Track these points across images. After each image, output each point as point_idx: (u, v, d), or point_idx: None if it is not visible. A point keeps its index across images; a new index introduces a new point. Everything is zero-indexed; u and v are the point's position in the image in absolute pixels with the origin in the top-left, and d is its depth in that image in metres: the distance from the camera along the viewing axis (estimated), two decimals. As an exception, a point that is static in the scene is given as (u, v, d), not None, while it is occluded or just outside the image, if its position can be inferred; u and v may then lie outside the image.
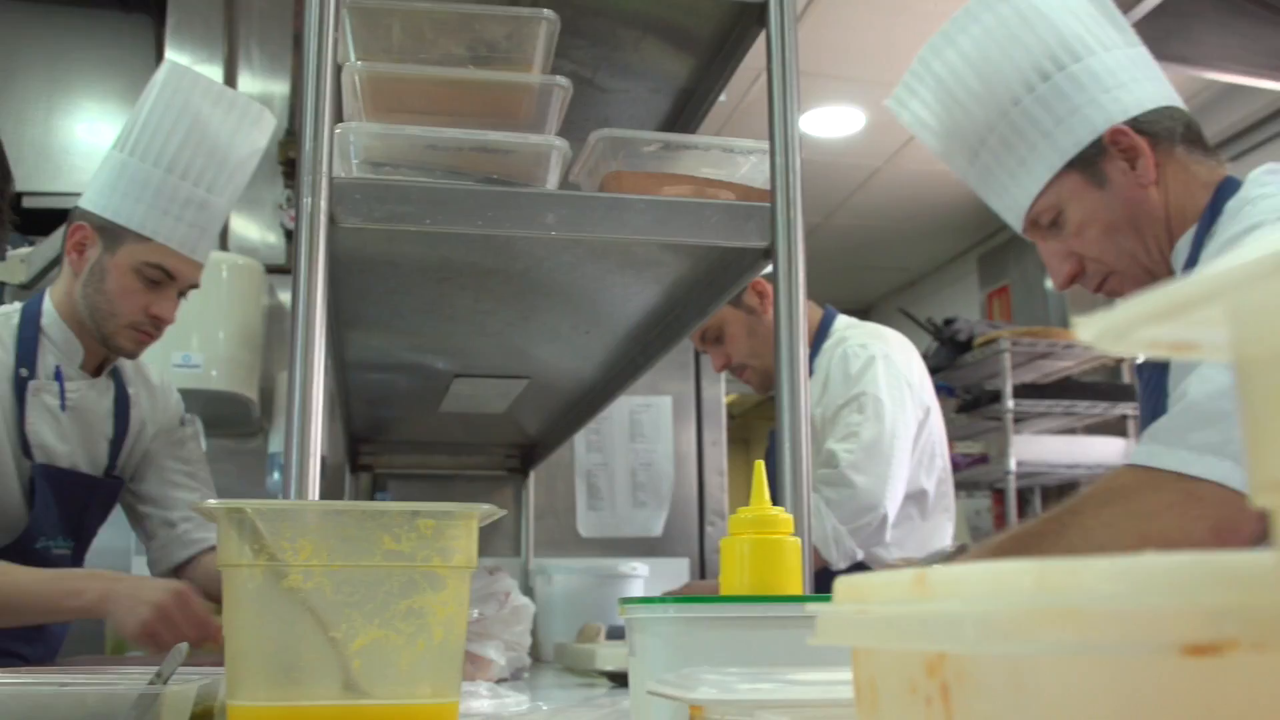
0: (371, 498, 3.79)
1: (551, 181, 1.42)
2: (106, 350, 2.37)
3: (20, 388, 2.26)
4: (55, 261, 3.10)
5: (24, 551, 2.26)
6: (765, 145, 1.50)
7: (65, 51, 4.15)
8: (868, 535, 2.70)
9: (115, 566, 3.21)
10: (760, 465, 1.00)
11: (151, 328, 2.33)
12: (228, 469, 3.55)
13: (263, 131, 2.40)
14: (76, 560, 2.43)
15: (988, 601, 0.36)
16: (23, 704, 0.97)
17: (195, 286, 2.38)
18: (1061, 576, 0.33)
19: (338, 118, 1.35)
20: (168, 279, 2.30)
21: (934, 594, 0.40)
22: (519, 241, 1.48)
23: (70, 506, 2.31)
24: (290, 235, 3.74)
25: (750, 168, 1.53)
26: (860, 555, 2.72)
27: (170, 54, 3.94)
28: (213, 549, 2.51)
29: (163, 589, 2.11)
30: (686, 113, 2.00)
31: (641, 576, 3.59)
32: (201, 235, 2.33)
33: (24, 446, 2.25)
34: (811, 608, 0.48)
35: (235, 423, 3.51)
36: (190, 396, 3.04)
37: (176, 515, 2.52)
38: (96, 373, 2.40)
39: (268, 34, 4.01)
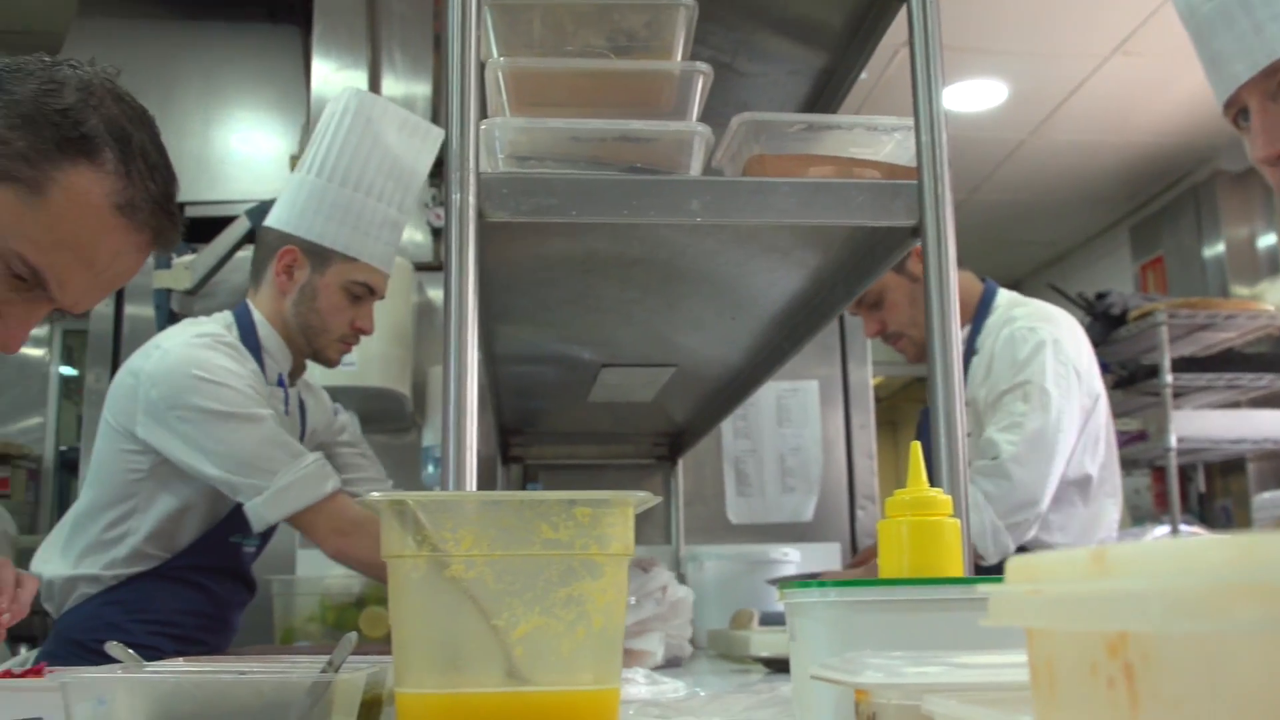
0: (522, 489, 3.85)
1: (695, 168, 1.41)
2: (315, 361, 2.53)
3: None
4: (217, 268, 3.22)
5: (220, 544, 2.40)
6: (909, 122, 1.47)
7: (219, 65, 4.30)
8: (1023, 531, 2.63)
9: (281, 564, 3.34)
10: (916, 446, 0.99)
11: (354, 339, 2.50)
12: (383, 464, 3.64)
13: (434, 147, 2.55)
14: (257, 557, 2.56)
15: (1175, 578, 0.34)
16: (205, 691, 1.01)
17: (382, 298, 2.54)
18: (1259, 550, 0.32)
19: (482, 114, 1.37)
20: (369, 294, 2.47)
21: (1114, 571, 0.38)
22: (663, 229, 1.49)
23: None
24: (437, 233, 3.82)
25: (895, 146, 1.51)
26: (1013, 550, 2.66)
27: (317, 62, 4.06)
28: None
29: None
30: (826, 93, 1.98)
31: (793, 562, 3.57)
32: (391, 250, 2.51)
33: None
34: (984, 589, 0.47)
35: (389, 418, 3.60)
36: (346, 394, 3.13)
37: (363, 491, 2.64)
38: (292, 382, 2.53)
39: (409, 37, 4.09)
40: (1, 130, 1.24)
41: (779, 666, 2.19)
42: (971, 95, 5.70)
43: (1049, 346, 2.73)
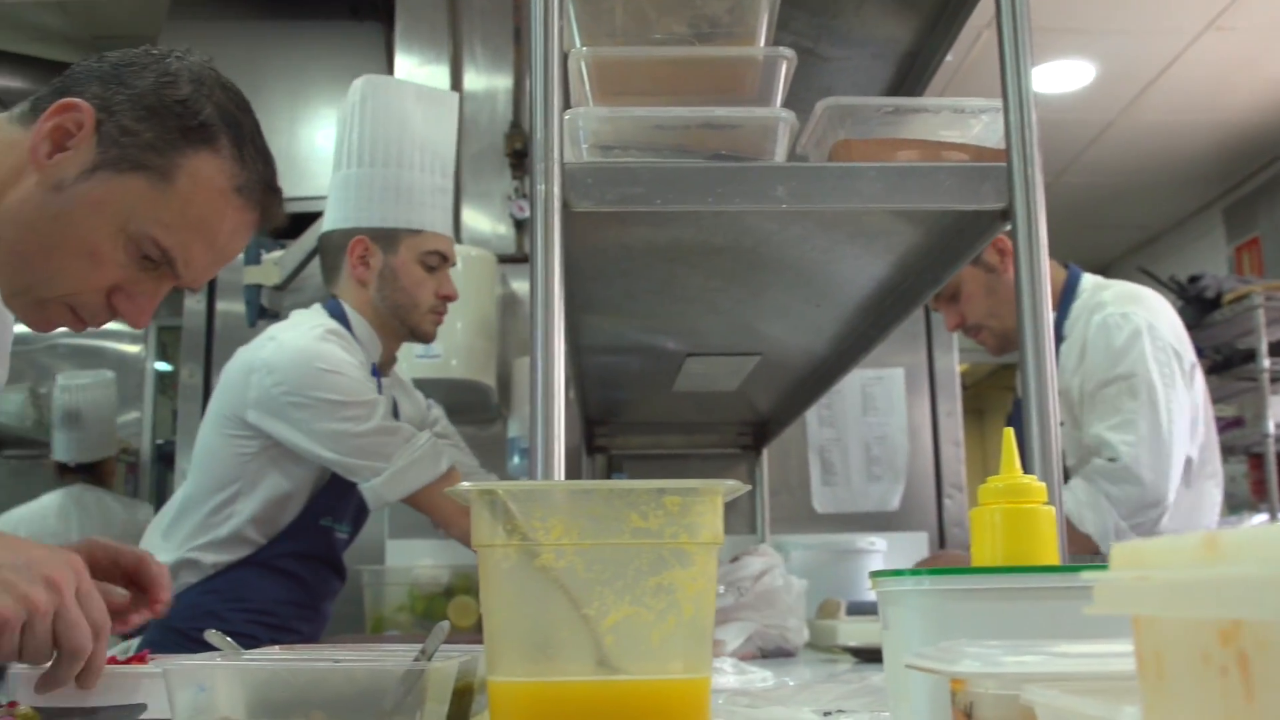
0: (607, 479, 3.86)
1: (780, 154, 1.40)
2: (413, 339, 2.59)
3: None
4: (305, 263, 3.27)
5: (309, 528, 2.45)
6: (997, 103, 1.44)
7: (304, 63, 4.37)
8: (1148, 530, 2.59)
9: (371, 554, 3.38)
10: (1009, 433, 0.97)
11: (442, 308, 2.55)
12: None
13: (453, 112, 2.63)
14: (349, 545, 2.60)
15: (1293, 564, 0.33)
16: (300, 678, 1.02)
17: (454, 263, 2.59)
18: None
19: (566, 104, 1.37)
20: (442, 261, 2.53)
21: (1227, 557, 0.37)
22: (749, 217, 1.48)
23: (358, 496, 2.45)
24: (520, 225, 3.84)
25: (983, 128, 1.48)
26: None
27: (399, 58, 4.10)
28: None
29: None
30: (911, 76, 1.96)
31: (880, 551, 3.55)
32: (448, 215, 2.58)
33: None
34: (1089, 576, 0.46)
35: (475, 410, 3.63)
36: (432, 386, 3.16)
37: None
38: (385, 373, 2.58)
39: (489, 31, 4.12)
40: (129, 123, 1.31)
41: (868, 656, 2.17)
42: (1058, 76, 5.60)
43: (1145, 334, 2.67)
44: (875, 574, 0.89)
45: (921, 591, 0.84)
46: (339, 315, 2.50)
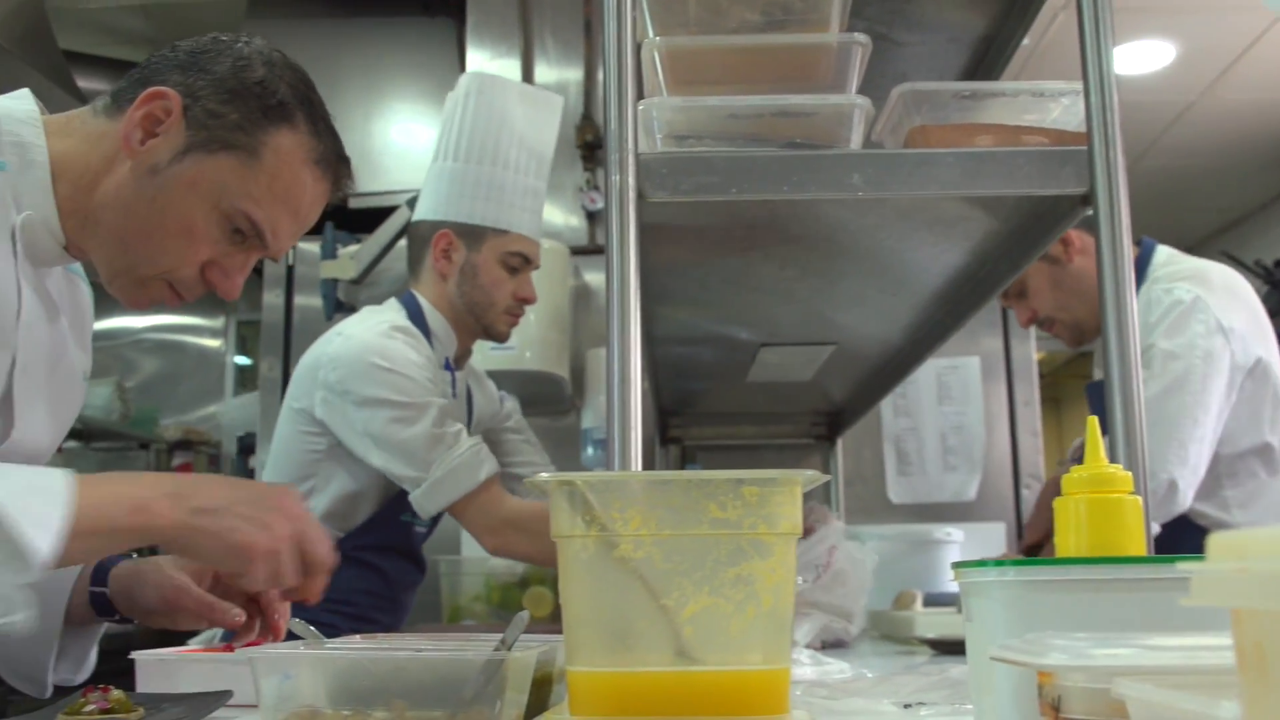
0: (681, 471, 3.86)
1: (855, 141, 1.39)
2: (486, 337, 2.59)
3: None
4: (380, 257, 3.31)
5: (391, 522, 2.47)
6: (1077, 86, 1.42)
7: (377, 60, 4.41)
8: (1155, 505, 2.49)
9: (447, 544, 3.41)
10: (1093, 421, 0.95)
11: (519, 310, 2.55)
12: (543, 446, 3.69)
13: (556, 114, 2.62)
14: (428, 537, 2.62)
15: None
16: (382, 667, 1.03)
17: (538, 266, 2.58)
18: None
19: (639, 95, 1.37)
20: (525, 263, 2.52)
21: (1333, 549, 0.36)
22: (824, 205, 1.47)
23: None
24: (591, 217, 3.85)
25: (1063, 111, 1.46)
26: (1156, 529, 2.53)
27: (471, 53, 4.13)
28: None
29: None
30: (986, 61, 1.93)
31: (957, 542, 3.51)
32: (537, 218, 2.57)
33: None
34: (1184, 567, 0.45)
35: (549, 401, 3.65)
36: (507, 378, 3.18)
37: (528, 474, 2.70)
38: (460, 366, 2.59)
39: (559, 24, 4.13)
40: (215, 106, 1.39)
41: (946, 648, 2.15)
42: (1137, 56, 5.49)
43: (1183, 308, 2.59)
44: (958, 565, 0.88)
45: (1006, 583, 0.83)
46: (413, 309, 2.52)
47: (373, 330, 2.40)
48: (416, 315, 2.51)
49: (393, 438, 2.30)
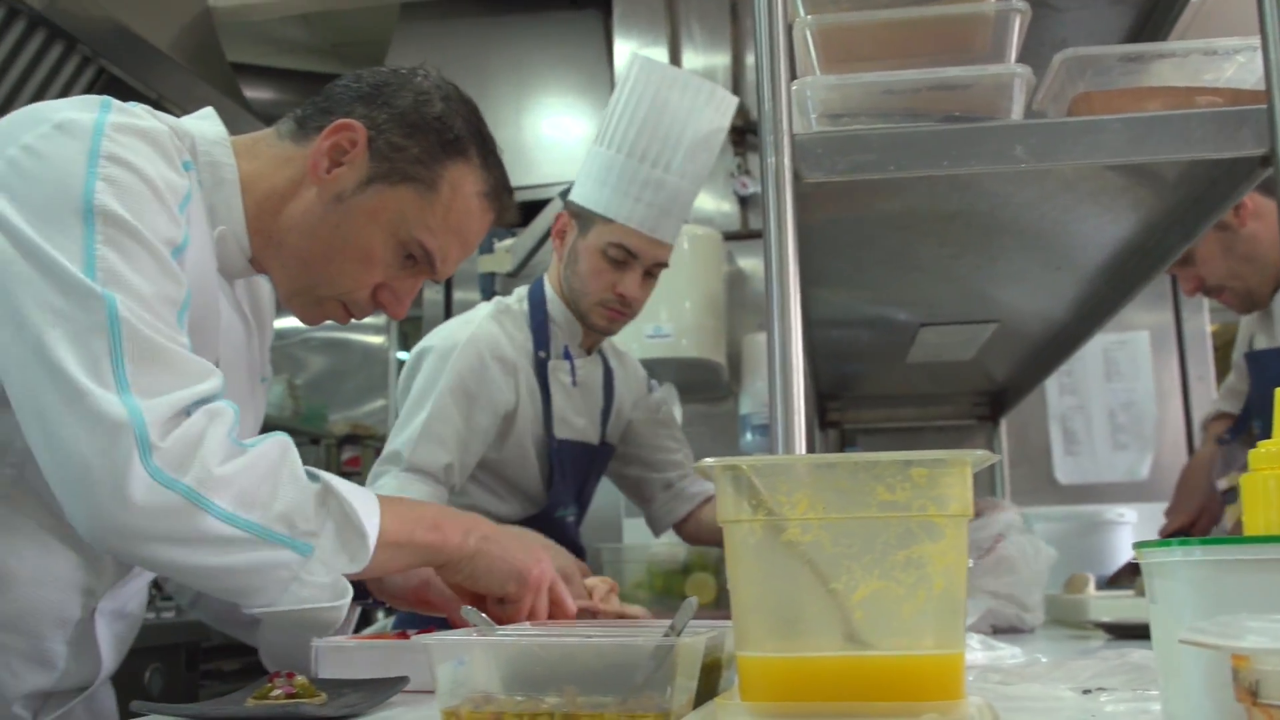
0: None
1: (1016, 112, 1.35)
2: (584, 325, 2.52)
3: (541, 369, 2.46)
4: (535, 250, 3.35)
5: (546, 520, 2.48)
6: (1254, 41, 1.35)
7: (527, 55, 4.47)
8: None
9: (609, 532, 3.45)
10: (1281, 393, 0.91)
11: (619, 305, 2.43)
12: (701, 432, 3.70)
13: (719, 110, 2.47)
14: (580, 523, 2.64)
15: None
16: (552, 653, 1.05)
17: (663, 265, 2.47)
18: None
19: (792, 75, 1.35)
20: (631, 258, 2.40)
21: None
22: (985, 179, 1.43)
23: (580, 476, 2.50)
24: (743, 202, 3.84)
25: (1238, 69, 1.39)
26: None
27: (619, 43, 4.15)
28: (710, 499, 2.66)
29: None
30: (1152, 22, 1.86)
31: (1130, 523, 3.41)
32: (663, 215, 2.41)
33: (547, 423, 2.45)
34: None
35: (706, 388, 3.65)
36: (663, 365, 3.19)
37: (672, 475, 2.70)
38: (589, 351, 2.58)
39: (706, 10, 4.13)
40: (397, 139, 1.47)
41: (1122, 632, 2.08)
42: (1313, 12, 5.23)
43: None
44: (1140, 545, 0.85)
45: (1193, 563, 0.80)
46: (537, 296, 2.51)
47: (467, 319, 2.46)
48: (538, 302, 2.50)
49: (402, 422, 2.36)
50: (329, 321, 1.56)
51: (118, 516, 1.12)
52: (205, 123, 1.48)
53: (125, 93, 3.43)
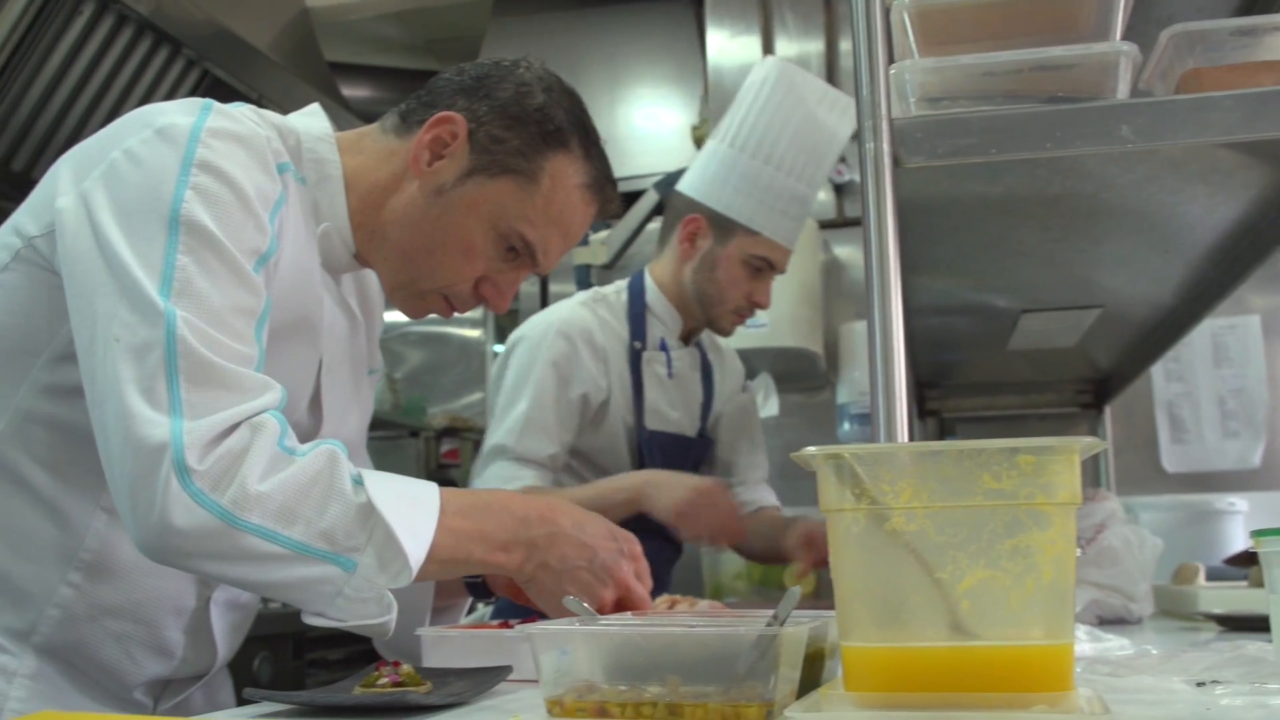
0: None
1: (1122, 91, 1.32)
2: (709, 328, 2.57)
3: (635, 359, 2.47)
4: (630, 241, 3.36)
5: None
6: (1375, 11, 1.31)
7: (619, 47, 4.49)
8: None
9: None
10: None
11: (749, 311, 2.52)
12: (797, 423, 3.68)
13: (847, 121, 2.51)
14: None
15: None
16: (654, 643, 1.05)
17: (782, 272, 2.54)
18: None
19: (890, 59, 1.34)
20: (769, 268, 2.48)
21: None
22: (1089, 161, 1.40)
23: (673, 468, 2.50)
24: (838, 189, 3.81)
25: (1356, 42, 1.34)
26: None
27: (711, 32, 4.14)
28: (757, 511, 2.65)
29: (696, 481, 2.29)
30: (1265, -7, 1.80)
31: (1241, 512, 3.33)
32: (797, 226, 2.49)
33: (639, 414, 2.46)
34: None
35: (802, 377, 3.63)
36: (759, 355, 3.18)
37: (733, 479, 2.68)
38: (686, 342, 2.59)
39: (798, -4, 4.10)
40: (498, 132, 1.47)
41: (1235, 624, 2.03)
42: None
43: None
44: (1259, 533, 0.83)
45: (1315, 551, 0.78)
46: (637, 288, 2.52)
47: (565, 302, 2.50)
48: (638, 293, 2.51)
49: (496, 413, 2.39)
50: (431, 315, 1.58)
51: (160, 538, 1.14)
52: (312, 119, 1.50)
53: (228, 94, 3.50)
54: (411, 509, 1.23)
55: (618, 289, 2.56)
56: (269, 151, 1.35)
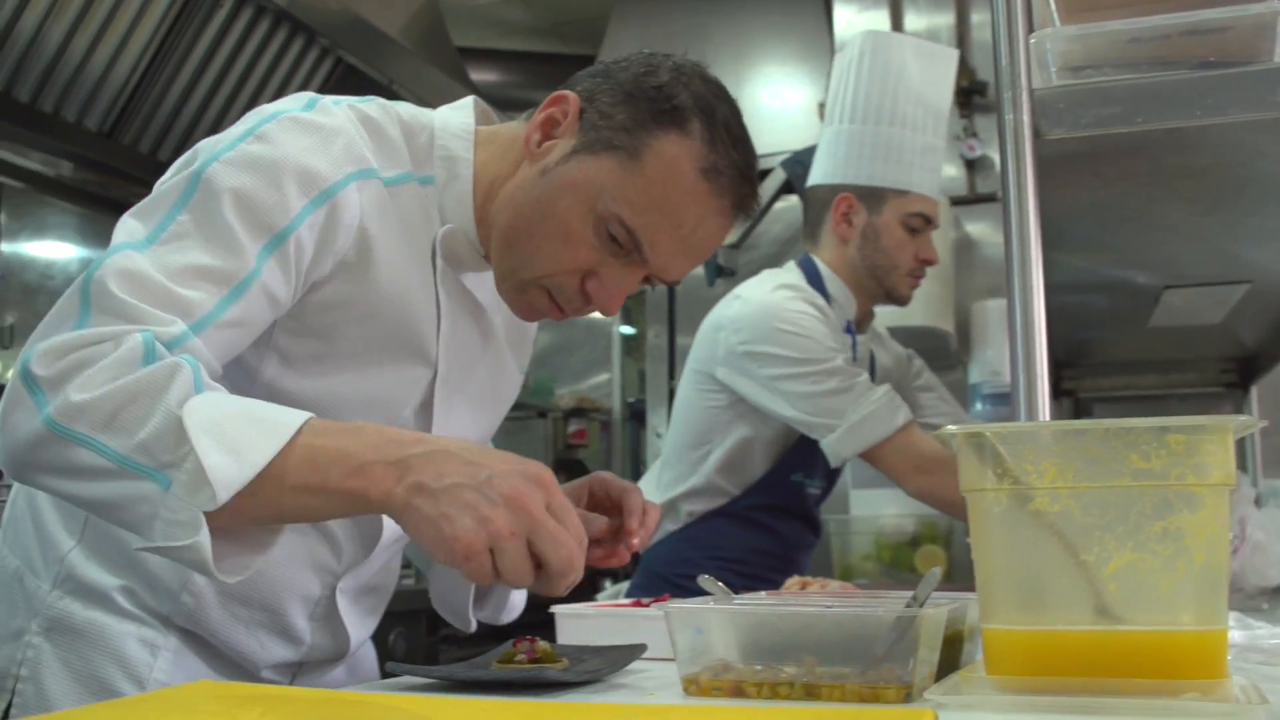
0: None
1: (1279, 54, 1.26)
2: (888, 301, 2.61)
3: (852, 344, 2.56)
4: (758, 220, 3.34)
5: (781, 483, 2.53)
6: None
7: (745, 25, 4.45)
8: None
9: (836, 504, 3.42)
10: None
11: (921, 271, 2.56)
12: (929, 403, 3.63)
13: (951, 68, 2.61)
14: (823, 499, 2.64)
15: None
16: (790, 624, 1.04)
17: (938, 226, 2.58)
18: None
19: (1029, 28, 1.30)
20: (926, 224, 2.53)
21: None
22: (1239, 130, 1.34)
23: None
24: (970, 165, 3.73)
25: None
26: None
27: (838, 8, 4.09)
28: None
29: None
30: None
31: (1402, 496, 3.17)
32: (936, 176, 2.57)
33: None
34: None
35: (934, 357, 3.57)
36: (892, 334, 3.14)
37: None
38: (860, 330, 2.62)
39: (928, -32, 4.02)
40: (606, 107, 1.36)
41: (1394, 613, 1.95)
42: None
43: None
44: None
45: None
46: (812, 273, 2.54)
47: (772, 293, 2.47)
48: (814, 279, 2.54)
49: (804, 395, 2.36)
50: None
51: (7, 450, 1.11)
52: (454, 114, 1.46)
53: (361, 81, 3.57)
54: (245, 426, 1.08)
55: (796, 274, 2.57)
56: (347, 153, 1.31)
